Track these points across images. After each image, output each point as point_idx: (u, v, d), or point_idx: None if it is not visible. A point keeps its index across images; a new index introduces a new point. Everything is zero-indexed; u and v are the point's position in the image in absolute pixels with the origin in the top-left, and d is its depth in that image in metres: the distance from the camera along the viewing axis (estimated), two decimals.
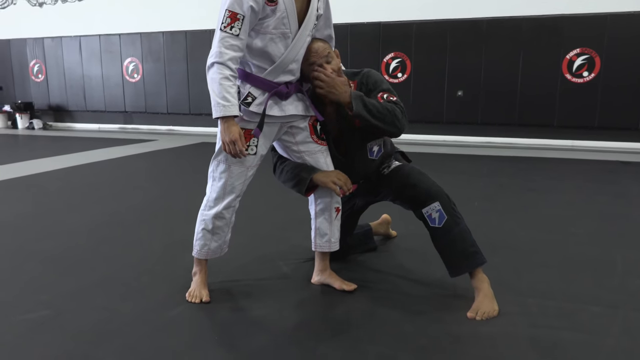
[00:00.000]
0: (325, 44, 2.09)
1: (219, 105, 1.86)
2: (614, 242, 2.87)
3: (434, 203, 2.04)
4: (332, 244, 2.27)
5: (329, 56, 2.06)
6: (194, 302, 2.09)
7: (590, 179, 4.77)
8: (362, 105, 2.01)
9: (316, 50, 2.05)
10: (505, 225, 3.23)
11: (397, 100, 2.08)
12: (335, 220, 2.26)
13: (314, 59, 2.04)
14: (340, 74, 2.08)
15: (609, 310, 2.00)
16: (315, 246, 2.28)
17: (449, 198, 2.08)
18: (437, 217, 2.04)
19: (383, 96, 2.08)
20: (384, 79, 2.18)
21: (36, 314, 1.99)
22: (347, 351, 1.72)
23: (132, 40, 9.41)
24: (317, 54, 2.04)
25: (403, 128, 2.07)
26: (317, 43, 2.06)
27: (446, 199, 2.06)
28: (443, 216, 2.04)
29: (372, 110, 2.01)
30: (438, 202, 2.04)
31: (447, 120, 7.71)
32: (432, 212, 2.05)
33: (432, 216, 2.05)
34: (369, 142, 2.21)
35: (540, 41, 7.09)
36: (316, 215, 2.26)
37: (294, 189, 2.20)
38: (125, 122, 9.86)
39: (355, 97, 2.02)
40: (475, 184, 4.56)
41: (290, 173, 2.19)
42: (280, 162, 2.27)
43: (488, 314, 1.95)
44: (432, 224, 2.06)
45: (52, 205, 3.82)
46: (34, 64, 10.23)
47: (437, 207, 2.04)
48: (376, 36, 7.90)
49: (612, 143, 7.01)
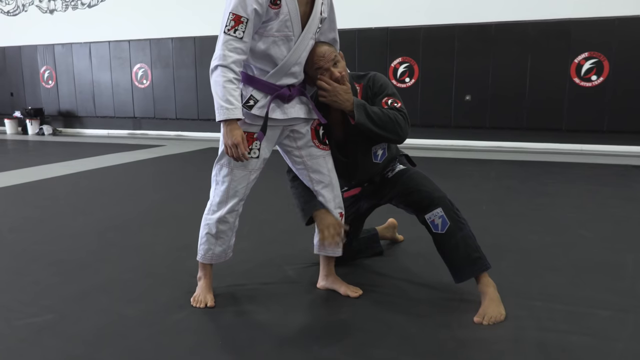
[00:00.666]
0: (331, 47, 2.07)
1: (222, 108, 1.85)
2: (625, 245, 2.83)
3: (437, 209, 2.02)
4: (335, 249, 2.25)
5: (335, 59, 2.05)
6: (199, 306, 2.08)
7: (601, 183, 4.72)
8: (364, 114, 2.01)
9: (323, 54, 2.02)
10: (514, 228, 3.19)
11: (401, 107, 2.08)
12: None
13: (321, 63, 2.02)
14: (346, 78, 2.06)
15: (619, 314, 1.97)
16: (319, 250, 2.27)
17: (451, 203, 2.05)
18: (440, 223, 2.02)
19: (387, 101, 2.08)
20: (389, 82, 2.17)
21: (40, 317, 1.99)
22: (352, 355, 1.70)
23: (141, 46, 9.48)
24: (324, 58, 2.02)
25: (405, 135, 2.07)
26: (322, 47, 2.04)
27: (449, 205, 2.04)
28: (446, 222, 2.02)
29: (375, 119, 2.01)
30: (441, 208, 2.02)
31: (455, 124, 7.67)
32: (435, 218, 2.03)
33: (435, 222, 2.03)
34: (374, 146, 2.19)
35: (549, 45, 7.04)
36: None
37: (298, 213, 2.24)
38: (134, 128, 9.92)
39: (358, 106, 2.01)
40: (483, 187, 4.53)
41: (297, 199, 2.23)
42: (293, 175, 2.27)
43: (495, 319, 1.92)
44: (435, 230, 2.04)
45: (59, 210, 3.84)
46: (45, 70, 10.33)
47: (440, 213, 2.02)
48: (384, 41, 7.89)
49: (622, 147, 6.93)
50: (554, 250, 2.76)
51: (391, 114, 2.03)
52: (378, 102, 2.09)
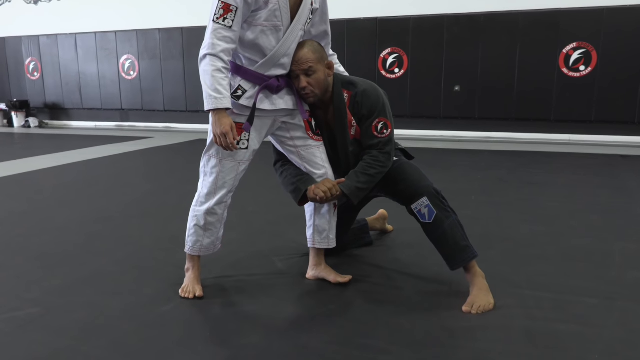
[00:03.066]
0: (314, 54, 2.00)
1: (210, 97, 1.83)
2: (613, 234, 2.85)
3: (422, 199, 2.02)
4: (330, 241, 2.24)
5: (310, 69, 1.99)
6: (187, 297, 2.06)
7: (589, 173, 4.74)
8: (357, 193, 2.07)
9: (298, 59, 1.99)
10: (503, 218, 3.20)
11: (386, 139, 2.07)
12: (333, 217, 2.23)
13: (293, 67, 2.00)
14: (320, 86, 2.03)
15: (605, 302, 1.98)
16: (313, 243, 2.25)
17: (437, 192, 2.04)
18: (427, 213, 2.02)
19: (377, 127, 2.06)
20: (380, 98, 2.08)
21: (23, 311, 1.96)
22: (341, 346, 1.69)
23: (128, 37, 9.36)
24: (297, 63, 1.99)
25: (389, 165, 2.10)
26: (302, 50, 1.99)
27: (434, 194, 2.02)
28: (432, 211, 2.01)
29: (366, 187, 2.08)
30: (426, 198, 2.01)
31: (445, 115, 7.67)
32: (421, 208, 2.03)
33: (422, 212, 2.03)
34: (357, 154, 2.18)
35: (537, 35, 7.05)
36: (315, 212, 2.23)
37: (290, 195, 2.19)
38: (122, 120, 9.82)
39: (350, 192, 2.05)
40: (473, 178, 4.53)
41: (289, 179, 2.18)
42: (282, 162, 2.24)
43: (483, 308, 1.92)
44: (423, 219, 2.04)
45: (44, 203, 3.78)
46: (30, 61, 10.17)
47: (426, 202, 2.01)
48: (373, 32, 7.85)
49: (610, 137, 6.98)
50: (543, 239, 2.77)
51: (374, 170, 2.06)
52: (367, 126, 2.07)
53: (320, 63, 2.02)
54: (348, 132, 2.11)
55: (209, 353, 1.67)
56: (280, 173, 2.24)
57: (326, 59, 2.07)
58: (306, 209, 2.27)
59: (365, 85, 2.10)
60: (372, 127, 2.07)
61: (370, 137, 2.08)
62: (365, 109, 2.06)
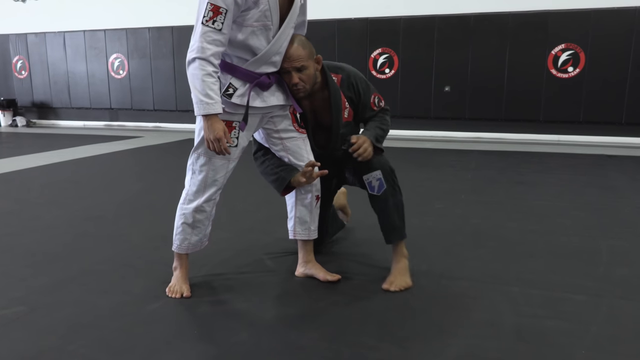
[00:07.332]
0: (305, 50, 2.02)
1: (201, 102, 1.82)
2: (600, 232, 2.87)
3: (376, 172, 2.11)
4: (311, 232, 2.25)
5: (302, 67, 2.01)
6: (175, 297, 2.04)
7: (577, 172, 4.78)
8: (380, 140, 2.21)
9: (290, 56, 2.00)
10: (493, 217, 3.21)
11: (385, 106, 2.30)
12: (315, 209, 2.24)
13: (285, 64, 2.00)
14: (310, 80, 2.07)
15: (593, 299, 2.00)
16: (294, 234, 2.26)
17: (391, 170, 2.14)
18: (377, 186, 2.12)
19: (374, 101, 2.26)
20: (364, 77, 2.30)
21: (9, 310, 1.93)
22: (331, 342, 1.69)
23: (117, 36, 9.29)
24: (288, 60, 2.00)
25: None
26: (293, 47, 2.00)
27: (388, 170, 2.13)
28: (382, 185, 2.12)
29: (383, 137, 2.25)
30: (380, 172, 2.11)
31: (435, 115, 7.70)
32: (373, 180, 2.12)
33: (372, 184, 2.13)
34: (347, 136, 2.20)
35: (527, 37, 7.10)
36: (296, 204, 2.24)
37: (272, 184, 2.21)
38: (111, 119, 9.74)
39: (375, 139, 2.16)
40: (463, 177, 4.55)
41: (271, 168, 2.19)
42: (263, 152, 2.24)
43: (401, 286, 2.08)
44: (372, 191, 2.14)
45: (32, 202, 3.74)
46: (17, 60, 10.06)
47: (378, 175, 2.11)
48: (364, 32, 7.86)
49: (597, 137, 7.04)
50: (532, 237, 2.79)
51: (386, 125, 2.25)
52: (365, 103, 2.24)
53: (310, 59, 2.05)
54: (342, 115, 2.21)
55: (197, 351, 1.65)
56: (262, 162, 2.25)
57: (315, 53, 2.09)
58: (287, 200, 2.28)
59: (349, 67, 2.27)
60: (370, 103, 2.26)
61: (370, 111, 2.27)
62: (360, 87, 2.23)
